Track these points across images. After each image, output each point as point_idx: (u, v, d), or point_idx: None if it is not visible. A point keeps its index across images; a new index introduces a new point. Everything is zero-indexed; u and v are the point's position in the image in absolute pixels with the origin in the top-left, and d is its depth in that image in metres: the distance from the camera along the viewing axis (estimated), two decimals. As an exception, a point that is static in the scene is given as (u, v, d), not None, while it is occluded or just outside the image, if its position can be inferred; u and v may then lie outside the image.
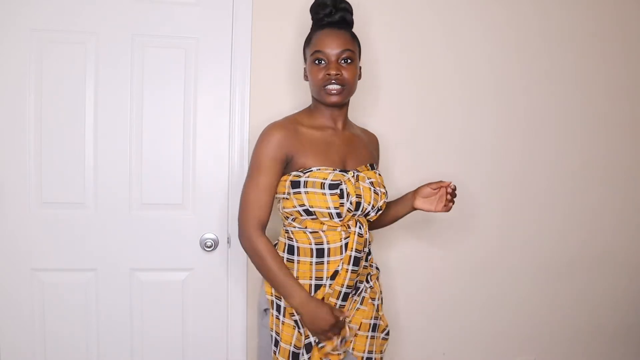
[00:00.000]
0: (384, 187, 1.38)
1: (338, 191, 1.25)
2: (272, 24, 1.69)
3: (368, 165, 1.40)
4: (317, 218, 1.28)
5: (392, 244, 1.82)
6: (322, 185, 1.25)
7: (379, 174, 1.41)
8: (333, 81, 1.29)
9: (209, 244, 1.68)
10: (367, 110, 1.76)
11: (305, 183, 1.26)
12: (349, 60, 1.31)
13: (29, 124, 1.59)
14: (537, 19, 1.85)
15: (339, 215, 1.27)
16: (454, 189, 1.41)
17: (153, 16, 1.63)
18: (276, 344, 1.31)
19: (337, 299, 1.30)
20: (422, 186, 1.44)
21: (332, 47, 1.29)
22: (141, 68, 1.63)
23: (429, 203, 1.43)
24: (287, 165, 1.31)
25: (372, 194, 1.33)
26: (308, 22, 1.41)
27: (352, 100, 1.72)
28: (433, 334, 1.89)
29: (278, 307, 1.32)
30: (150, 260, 1.68)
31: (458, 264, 1.88)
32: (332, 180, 1.26)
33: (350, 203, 1.27)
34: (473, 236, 1.88)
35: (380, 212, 1.37)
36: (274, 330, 1.32)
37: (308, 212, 1.27)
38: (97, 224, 1.64)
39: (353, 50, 1.32)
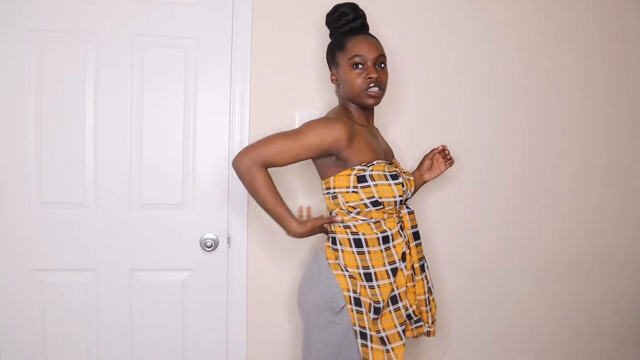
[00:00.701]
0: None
1: (401, 180, 1.36)
2: (272, 24, 1.69)
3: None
4: (383, 207, 1.34)
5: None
6: (386, 177, 1.34)
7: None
8: (372, 84, 1.35)
9: (209, 244, 1.68)
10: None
11: (372, 176, 1.33)
12: (382, 65, 1.40)
13: (29, 124, 1.59)
14: (537, 19, 1.85)
15: (401, 202, 1.38)
16: (445, 149, 1.61)
17: (153, 16, 1.63)
18: (364, 336, 1.34)
19: (421, 273, 1.44)
20: (421, 162, 1.65)
21: (370, 52, 1.36)
22: (141, 68, 1.63)
23: (433, 172, 1.65)
24: (325, 155, 1.36)
25: (407, 181, 1.44)
26: (309, 23, 1.42)
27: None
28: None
29: (358, 301, 1.34)
30: (150, 260, 1.68)
31: (458, 264, 1.88)
32: (389, 171, 1.35)
33: (404, 191, 1.38)
34: (473, 236, 1.88)
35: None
36: (357, 325, 1.34)
37: (376, 203, 1.34)
38: (97, 224, 1.64)
39: (385, 55, 1.41)
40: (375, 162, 1.35)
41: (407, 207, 1.44)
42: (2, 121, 1.58)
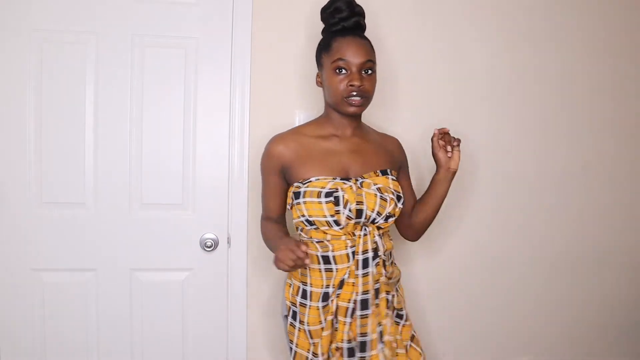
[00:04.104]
0: (395, 192, 1.32)
1: (332, 199, 1.24)
2: (272, 24, 1.69)
3: (378, 171, 1.34)
4: (318, 227, 1.28)
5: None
6: (319, 195, 1.25)
7: (393, 179, 1.35)
8: (354, 93, 1.26)
9: (209, 244, 1.68)
10: (367, 110, 1.76)
11: (304, 193, 1.27)
12: (370, 71, 1.29)
13: (29, 124, 1.59)
14: (537, 19, 1.85)
15: (337, 223, 1.25)
16: (442, 131, 1.35)
17: (153, 16, 1.63)
18: (291, 350, 1.34)
19: (358, 309, 1.27)
20: (437, 159, 1.36)
21: (356, 57, 1.26)
22: (141, 68, 1.63)
23: (454, 158, 1.35)
24: (285, 176, 1.35)
25: (378, 200, 1.28)
26: (308, 22, 1.41)
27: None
28: (432, 334, 1.88)
29: (294, 314, 1.33)
30: (150, 260, 1.68)
31: (458, 266, 1.88)
32: (329, 188, 1.25)
33: (350, 210, 1.25)
34: (474, 239, 1.88)
35: (392, 218, 1.31)
36: (288, 339, 1.35)
37: (310, 222, 1.27)
38: (97, 224, 1.64)
39: (374, 61, 1.30)
40: (314, 178, 1.27)
41: (366, 229, 1.28)
42: (2, 121, 1.58)
